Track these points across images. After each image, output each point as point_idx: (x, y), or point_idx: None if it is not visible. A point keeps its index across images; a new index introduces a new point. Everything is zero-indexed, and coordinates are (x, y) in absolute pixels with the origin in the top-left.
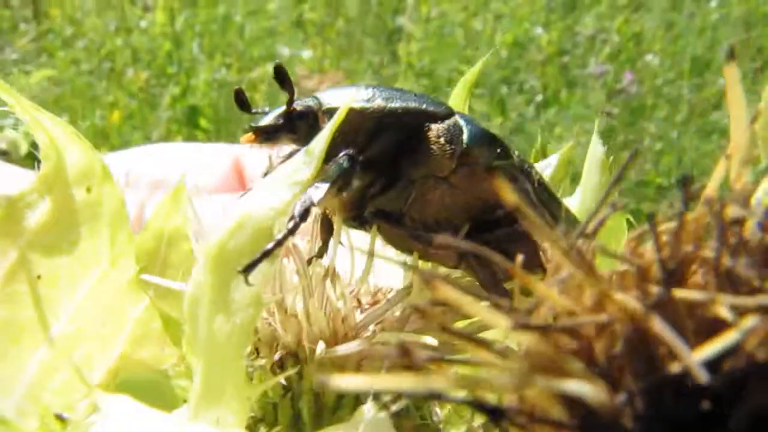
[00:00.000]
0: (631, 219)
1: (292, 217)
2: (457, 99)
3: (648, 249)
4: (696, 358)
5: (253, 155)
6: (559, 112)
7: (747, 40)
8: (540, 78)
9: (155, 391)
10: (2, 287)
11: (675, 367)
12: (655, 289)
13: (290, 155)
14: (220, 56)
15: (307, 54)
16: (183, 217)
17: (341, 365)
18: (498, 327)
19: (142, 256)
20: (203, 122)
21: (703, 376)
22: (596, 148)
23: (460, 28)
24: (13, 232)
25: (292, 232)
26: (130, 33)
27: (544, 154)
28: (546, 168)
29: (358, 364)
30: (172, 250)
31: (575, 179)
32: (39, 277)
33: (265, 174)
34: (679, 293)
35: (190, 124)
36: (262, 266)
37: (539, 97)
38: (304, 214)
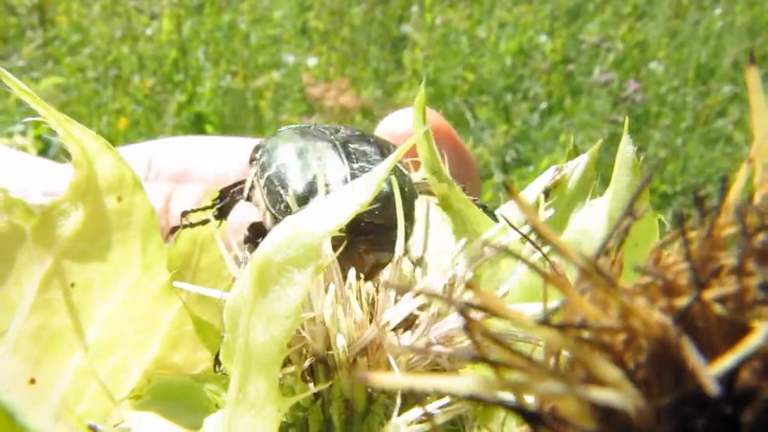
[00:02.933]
0: (663, 219)
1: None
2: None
3: (672, 259)
4: (712, 372)
5: None
6: (563, 119)
7: (751, 47)
8: (544, 86)
9: (188, 395)
10: (38, 294)
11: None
12: (681, 301)
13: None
14: (226, 64)
15: (312, 61)
16: (214, 223)
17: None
18: (524, 326)
19: (176, 260)
20: (209, 129)
21: (715, 390)
22: (627, 149)
23: (464, 36)
24: (48, 240)
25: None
26: (137, 40)
27: (576, 152)
28: (576, 167)
29: (388, 368)
30: (205, 254)
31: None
32: (73, 284)
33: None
34: (708, 302)
35: (195, 131)
36: (305, 282)
37: (543, 105)
38: None
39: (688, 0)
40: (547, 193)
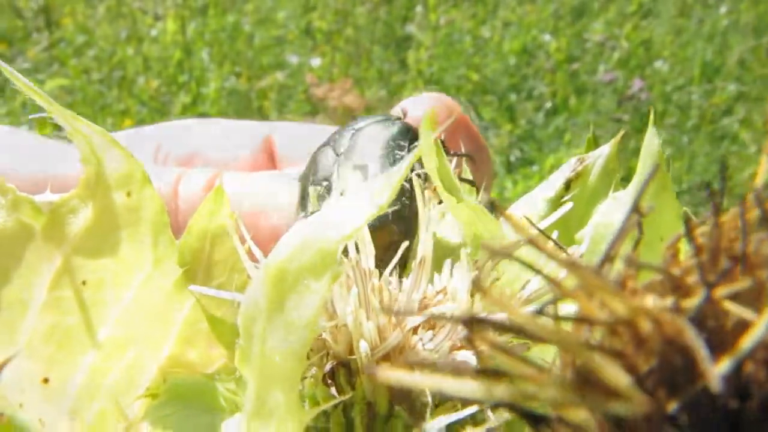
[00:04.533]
0: (688, 211)
1: None
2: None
3: (684, 257)
4: (719, 368)
5: (283, 133)
6: (568, 119)
7: (757, 45)
8: (549, 85)
9: (203, 395)
10: (49, 293)
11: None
12: (691, 301)
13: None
14: (230, 65)
15: (316, 62)
16: (226, 216)
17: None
18: (523, 318)
19: (187, 256)
20: None
21: (718, 386)
22: (652, 141)
23: (468, 35)
24: (58, 237)
25: None
26: (141, 42)
27: (595, 143)
28: (598, 158)
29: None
30: (217, 248)
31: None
32: (84, 282)
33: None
34: (719, 300)
35: None
36: (323, 289)
37: (548, 104)
38: None
39: None
40: (568, 184)
